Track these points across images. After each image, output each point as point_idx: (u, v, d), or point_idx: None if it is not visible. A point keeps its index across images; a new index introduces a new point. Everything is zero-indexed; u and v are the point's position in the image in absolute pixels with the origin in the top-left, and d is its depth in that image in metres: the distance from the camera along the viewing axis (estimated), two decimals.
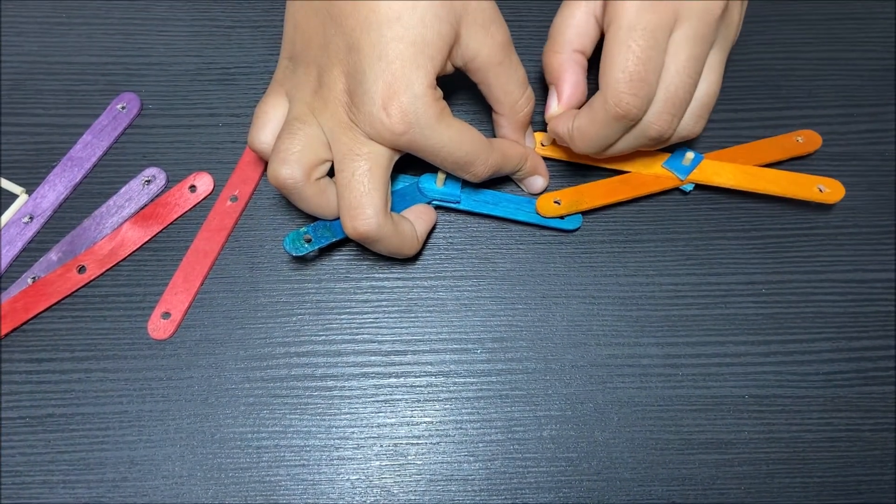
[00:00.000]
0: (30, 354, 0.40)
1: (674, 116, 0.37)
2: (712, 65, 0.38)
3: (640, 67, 0.35)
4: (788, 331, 0.42)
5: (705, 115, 0.39)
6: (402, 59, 0.34)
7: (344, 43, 0.35)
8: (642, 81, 0.35)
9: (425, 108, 0.35)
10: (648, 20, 0.35)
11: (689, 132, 0.39)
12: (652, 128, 0.37)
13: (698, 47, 0.36)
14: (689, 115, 0.38)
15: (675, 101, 0.36)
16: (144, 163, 0.45)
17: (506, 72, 0.39)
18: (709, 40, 0.36)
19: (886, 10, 0.51)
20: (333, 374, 0.41)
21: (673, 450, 0.40)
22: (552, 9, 0.49)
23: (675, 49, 0.36)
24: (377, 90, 0.34)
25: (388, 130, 0.35)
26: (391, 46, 0.34)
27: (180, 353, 0.41)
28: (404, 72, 0.34)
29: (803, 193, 0.43)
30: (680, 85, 0.36)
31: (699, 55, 0.36)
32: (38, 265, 0.42)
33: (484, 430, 0.40)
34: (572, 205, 0.43)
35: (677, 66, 0.36)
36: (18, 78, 0.46)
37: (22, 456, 0.39)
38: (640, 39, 0.35)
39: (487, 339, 0.42)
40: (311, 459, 0.39)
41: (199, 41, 0.48)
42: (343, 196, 0.36)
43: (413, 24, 0.34)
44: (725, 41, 0.38)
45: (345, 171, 0.36)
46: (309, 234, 0.40)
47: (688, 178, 0.43)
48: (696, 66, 0.36)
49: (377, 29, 0.34)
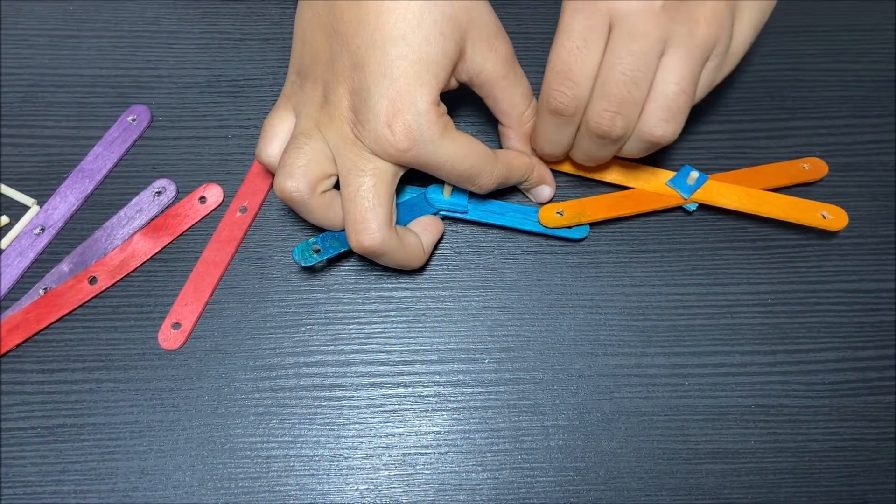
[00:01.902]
0: (41, 365, 0.41)
1: (614, 114, 0.36)
2: (670, 65, 0.36)
3: (566, 67, 0.36)
4: (794, 341, 0.42)
5: (671, 117, 0.36)
6: (406, 76, 0.34)
7: (349, 60, 0.35)
8: (568, 78, 0.36)
9: (429, 125, 0.35)
10: (578, 21, 0.36)
11: (654, 135, 0.37)
12: (591, 122, 0.37)
13: (637, 43, 0.35)
14: (651, 116, 0.36)
15: (609, 97, 0.36)
16: (155, 174, 0.45)
17: (511, 85, 0.40)
18: (652, 37, 0.35)
19: (890, 22, 0.52)
20: (342, 383, 0.41)
21: (680, 459, 0.40)
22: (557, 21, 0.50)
23: (611, 46, 0.36)
24: (382, 107, 0.35)
25: (393, 147, 0.35)
26: (396, 64, 0.34)
27: (190, 364, 0.41)
28: (408, 89, 0.35)
29: (806, 219, 0.43)
30: (612, 80, 0.35)
31: (639, 52, 0.35)
32: (50, 276, 0.42)
33: (492, 440, 0.40)
34: (575, 217, 0.43)
35: (611, 62, 0.35)
36: (30, 90, 0.47)
37: (33, 466, 0.39)
38: (567, 41, 0.36)
39: (495, 348, 0.42)
40: (320, 469, 0.39)
41: (208, 53, 0.48)
42: (348, 211, 0.37)
43: (417, 42, 0.35)
44: (689, 43, 0.36)
45: (350, 187, 0.37)
46: (318, 245, 0.40)
47: (691, 198, 0.43)
48: (634, 63, 0.35)
49: (382, 47, 0.34)
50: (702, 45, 0.36)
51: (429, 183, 0.42)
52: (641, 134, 0.37)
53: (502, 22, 0.39)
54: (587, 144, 0.39)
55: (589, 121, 0.37)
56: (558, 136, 0.40)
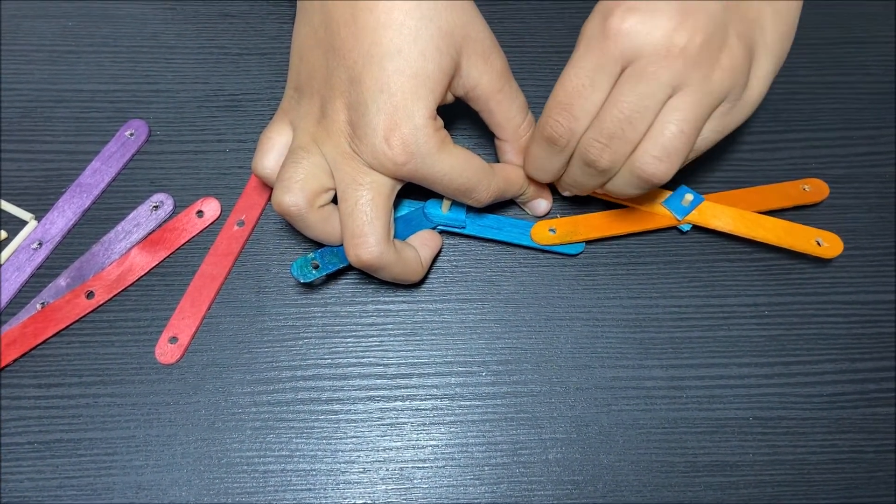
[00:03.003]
0: (38, 380, 0.41)
1: (603, 146, 0.36)
2: (675, 106, 0.35)
3: (569, 100, 0.36)
4: (791, 353, 0.42)
5: (666, 157, 0.35)
6: (403, 91, 0.35)
7: (346, 75, 0.36)
8: (567, 111, 0.36)
9: (426, 139, 0.35)
10: (590, 59, 0.35)
11: (646, 171, 0.36)
12: (581, 148, 0.37)
13: (644, 85, 0.34)
14: (645, 153, 0.35)
15: (602, 130, 0.35)
16: (152, 188, 0.45)
17: (506, 98, 0.40)
18: (662, 81, 0.34)
19: (886, 35, 0.52)
20: (339, 397, 0.41)
21: (678, 472, 0.40)
22: (553, 34, 0.50)
23: (619, 82, 0.35)
24: (379, 122, 0.35)
25: (391, 161, 0.35)
26: (393, 79, 0.35)
27: (187, 378, 0.41)
28: (405, 104, 0.35)
29: (801, 245, 0.43)
30: (609, 115, 0.35)
31: (644, 93, 0.34)
32: (47, 291, 0.42)
33: (489, 453, 0.40)
34: (567, 235, 0.43)
35: (614, 98, 0.35)
36: (29, 105, 0.47)
37: (30, 481, 0.39)
38: (575, 77, 0.36)
39: (492, 361, 0.42)
40: (317, 484, 0.39)
41: (206, 68, 0.49)
42: (346, 225, 0.37)
43: (414, 58, 0.35)
44: (701, 88, 0.35)
45: (348, 201, 0.37)
46: (316, 261, 0.40)
47: (685, 219, 0.43)
48: (636, 103, 0.34)
49: (379, 62, 0.35)
50: (714, 91, 0.35)
51: (427, 197, 0.42)
52: (634, 169, 0.36)
53: (497, 36, 0.39)
54: (576, 170, 0.39)
55: (580, 146, 0.37)
56: (548, 163, 0.39)
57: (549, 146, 0.38)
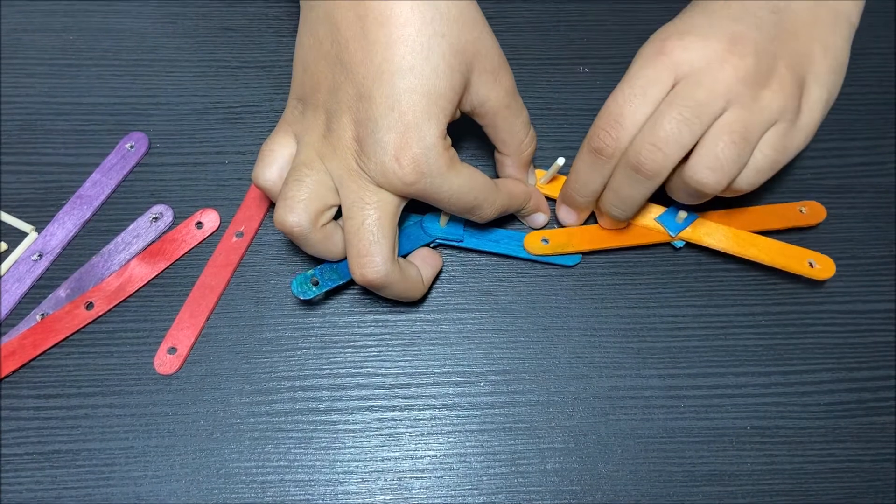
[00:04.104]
0: (37, 390, 0.41)
1: (655, 148, 0.36)
2: (727, 120, 0.36)
3: (619, 111, 0.38)
4: (788, 362, 0.43)
5: (719, 167, 0.36)
6: (414, 110, 0.34)
7: (354, 90, 0.35)
8: (616, 121, 0.38)
9: (436, 158, 0.35)
10: (644, 73, 0.37)
11: (699, 181, 0.37)
12: (631, 152, 0.38)
13: (702, 93, 0.36)
14: (699, 163, 0.37)
15: (656, 131, 0.36)
16: (152, 200, 0.45)
17: (512, 114, 0.40)
18: (717, 92, 0.36)
19: (881, 46, 0.52)
20: (338, 407, 0.41)
21: (676, 482, 0.40)
22: (549, 47, 0.50)
23: (675, 91, 0.37)
24: (389, 140, 0.34)
25: (400, 180, 0.35)
26: (404, 98, 0.34)
27: (186, 388, 0.41)
28: (417, 123, 0.34)
29: (793, 266, 0.43)
30: (666, 116, 0.36)
31: (701, 100, 0.36)
32: (47, 302, 0.42)
33: (487, 464, 0.40)
34: (559, 246, 0.43)
35: (670, 101, 0.37)
36: (29, 118, 0.47)
37: (29, 492, 0.39)
38: (627, 88, 0.38)
39: (490, 371, 0.42)
40: (315, 494, 0.39)
41: (206, 81, 0.49)
42: (352, 244, 0.37)
43: (426, 75, 0.34)
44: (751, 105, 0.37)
45: (354, 220, 0.36)
46: (316, 278, 0.40)
47: (678, 236, 0.44)
48: (693, 109, 0.36)
49: (390, 79, 0.34)
50: (763, 109, 0.37)
51: (425, 211, 0.42)
52: (686, 178, 0.37)
53: None
54: (622, 179, 0.39)
55: (629, 150, 0.38)
56: (592, 176, 0.40)
57: (594, 158, 0.39)
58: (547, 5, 0.51)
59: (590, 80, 0.50)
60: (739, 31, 0.37)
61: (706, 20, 0.38)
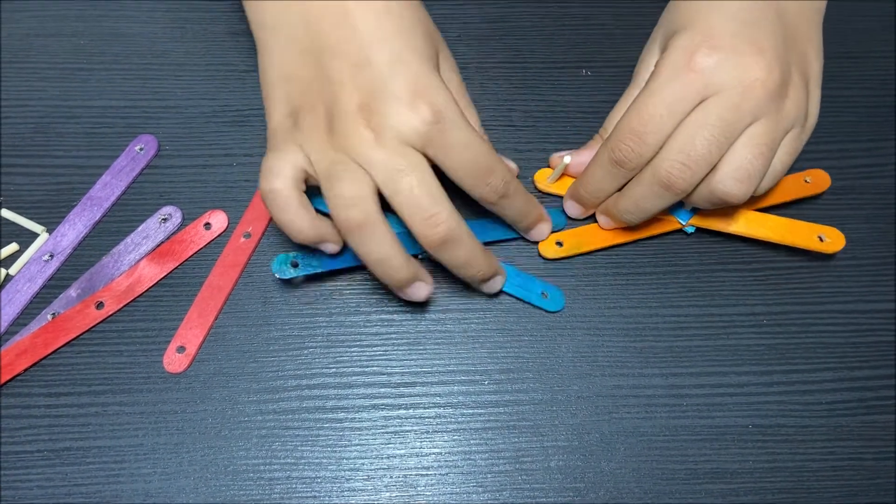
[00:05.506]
0: (48, 389, 0.41)
1: (686, 168, 0.38)
2: (754, 132, 0.38)
3: (643, 127, 0.38)
4: (790, 361, 0.43)
5: (746, 178, 0.38)
6: (419, 62, 0.36)
7: (349, 63, 0.36)
8: (640, 137, 0.38)
9: (450, 102, 0.36)
10: (672, 89, 0.38)
11: (726, 192, 0.38)
12: (661, 170, 0.38)
13: (732, 113, 0.37)
14: (727, 175, 0.38)
15: (688, 151, 0.37)
16: (161, 202, 0.46)
17: (467, 108, 0.42)
18: (745, 110, 0.37)
19: (883, 49, 0.53)
20: (344, 406, 0.41)
21: (679, 480, 0.40)
22: (553, 51, 0.51)
23: (704, 108, 0.38)
24: (402, 89, 0.35)
25: (420, 121, 0.35)
26: (405, 54, 0.36)
27: (194, 387, 0.42)
28: (424, 72, 0.36)
29: (803, 242, 0.44)
30: (698, 137, 0.37)
31: (731, 120, 0.37)
32: (58, 301, 0.43)
33: (492, 461, 0.40)
34: (574, 247, 0.44)
35: (700, 121, 0.37)
36: (41, 121, 0.48)
37: (39, 489, 0.39)
38: (653, 105, 0.38)
39: (494, 370, 0.42)
40: (322, 491, 0.40)
41: (214, 85, 0.50)
42: (412, 213, 0.36)
43: (416, 38, 0.37)
44: (776, 116, 0.38)
45: (400, 190, 0.36)
46: (297, 260, 0.41)
47: (689, 222, 0.44)
48: (723, 129, 0.37)
49: (384, 43, 0.36)
50: (784, 119, 0.39)
51: None
52: (713, 190, 0.38)
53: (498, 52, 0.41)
54: (645, 192, 0.40)
55: (658, 167, 0.38)
56: (607, 184, 0.41)
57: (613, 168, 0.40)
58: (551, 9, 0.52)
59: (593, 83, 0.50)
60: (760, 40, 0.38)
61: (728, 25, 0.38)
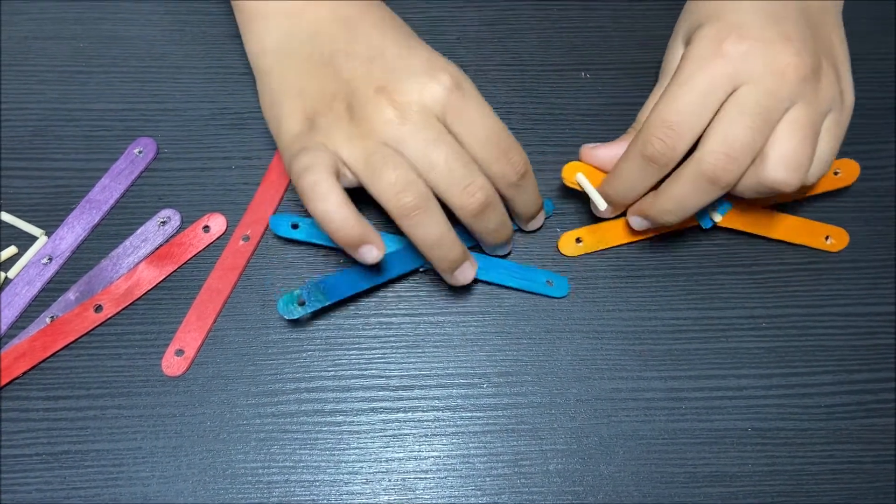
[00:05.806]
0: (47, 392, 0.41)
1: (732, 160, 0.36)
2: (793, 119, 0.37)
3: (677, 118, 0.37)
4: (790, 364, 0.43)
5: (797, 166, 0.37)
6: (424, 46, 0.39)
7: (361, 60, 0.38)
8: (674, 129, 0.37)
9: (465, 75, 0.38)
10: (703, 78, 0.37)
11: (777, 180, 0.37)
12: (706, 164, 0.37)
13: (769, 100, 0.37)
14: (777, 164, 0.37)
15: (732, 143, 0.36)
16: (160, 205, 0.46)
17: None
18: (782, 96, 0.37)
19: (881, 51, 0.53)
20: (342, 409, 0.41)
21: (678, 483, 0.40)
22: (552, 53, 0.51)
23: (739, 98, 0.37)
24: (418, 65, 0.37)
25: (441, 87, 0.36)
26: (411, 41, 0.39)
27: (193, 390, 0.42)
28: (432, 53, 0.39)
29: (812, 241, 0.45)
30: (739, 126, 0.36)
31: (769, 107, 0.36)
32: (57, 305, 0.43)
33: (491, 465, 0.40)
34: (595, 243, 0.44)
35: (738, 111, 0.37)
36: (40, 124, 0.48)
37: (38, 492, 0.39)
38: (686, 95, 0.37)
39: (493, 373, 0.42)
40: (320, 494, 0.40)
41: (213, 87, 0.50)
42: (450, 185, 0.36)
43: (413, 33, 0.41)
44: (813, 100, 0.38)
45: (436, 164, 0.36)
46: (303, 298, 0.40)
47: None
48: (763, 117, 0.36)
49: (394, 34, 0.39)
50: (823, 100, 0.38)
51: None
52: (763, 180, 0.37)
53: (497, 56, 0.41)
54: (687, 189, 0.38)
55: (702, 163, 0.37)
56: (640, 181, 0.40)
57: (646, 164, 0.39)
58: (549, 11, 0.52)
59: (592, 85, 0.50)
60: (787, 30, 0.38)
61: (754, 18, 0.38)
